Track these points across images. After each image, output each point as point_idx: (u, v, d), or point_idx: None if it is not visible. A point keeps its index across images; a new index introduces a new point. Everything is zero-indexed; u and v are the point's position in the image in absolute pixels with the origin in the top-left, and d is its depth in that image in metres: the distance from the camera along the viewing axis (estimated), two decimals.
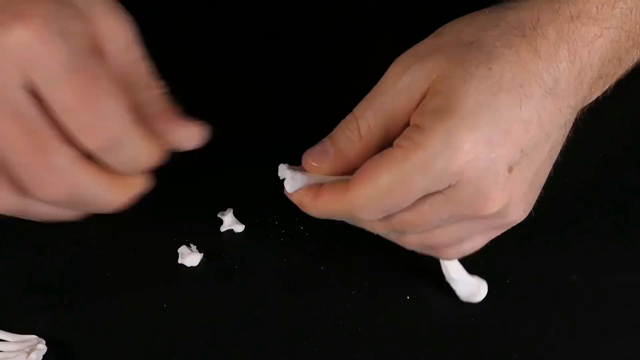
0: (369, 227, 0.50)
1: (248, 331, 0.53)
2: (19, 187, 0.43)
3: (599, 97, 0.53)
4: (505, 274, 0.55)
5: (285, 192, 0.50)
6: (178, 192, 0.59)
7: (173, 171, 0.60)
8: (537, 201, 0.57)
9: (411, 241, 0.51)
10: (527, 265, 0.56)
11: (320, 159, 0.49)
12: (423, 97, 0.46)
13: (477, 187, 0.46)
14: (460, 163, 0.44)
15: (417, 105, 0.47)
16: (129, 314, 0.54)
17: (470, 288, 0.54)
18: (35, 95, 0.42)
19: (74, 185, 0.43)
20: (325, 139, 0.49)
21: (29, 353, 0.51)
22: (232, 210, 0.57)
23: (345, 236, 0.56)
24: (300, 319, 0.54)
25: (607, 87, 0.52)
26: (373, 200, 0.46)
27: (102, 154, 0.43)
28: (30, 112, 0.42)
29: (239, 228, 0.57)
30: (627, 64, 0.52)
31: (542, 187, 0.50)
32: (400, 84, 0.47)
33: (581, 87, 0.48)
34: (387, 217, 0.48)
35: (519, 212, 0.49)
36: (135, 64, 0.46)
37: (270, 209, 0.58)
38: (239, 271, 0.56)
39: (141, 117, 0.44)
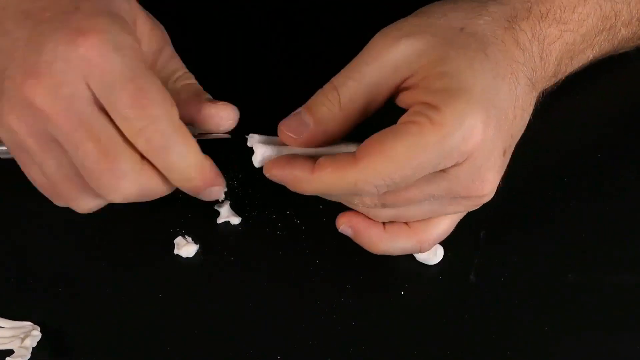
0: (355, 200, 0.49)
1: (242, 322, 0.53)
2: (95, 192, 0.48)
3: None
4: (501, 274, 0.55)
5: (265, 171, 0.48)
6: None
7: None
8: (535, 200, 0.58)
9: (385, 215, 0.50)
10: (522, 265, 0.56)
11: (299, 131, 0.48)
12: (410, 76, 0.47)
13: (479, 168, 0.47)
14: (474, 142, 0.45)
15: (403, 81, 0.47)
16: (123, 303, 0.54)
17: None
18: (100, 106, 0.46)
19: (142, 185, 0.47)
20: (301, 109, 0.48)
21: (23, 339, 0.51)
22: (228, 203, 0.58)
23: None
24: (294, 312, 0.54)
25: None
26: (384, 174, 0.45)
27: (153, 158, 0.47)
28: (97, 121, 0.46)
29: (236, 220, 0.57)
30: (580, 63, 0.55)
31: None
32: (388, 58, 0.47)
33: (541, 83, 0.51)
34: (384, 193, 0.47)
35: (492, 194, 0.50)
36: (169, 61, 0.52)
37: (267, 202, 0.58)
38: (234, 263, 0.56)
39: (180, 103, 0.47)
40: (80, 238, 0.57)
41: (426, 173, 0.46)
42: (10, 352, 0.51)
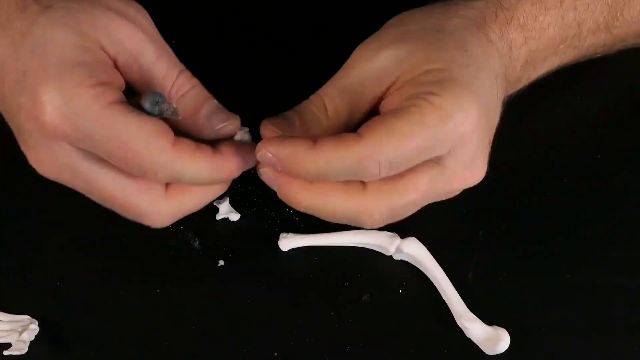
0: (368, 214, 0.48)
1: (239, 319, 0.53)
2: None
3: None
4: (499, 273, 0.55)
5: (259, 147, 0.46)
6: None
7: None
8: (532, 200, 0.58)
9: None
10: (520, 265, 0.56)
11: (284, 128, 0.48)
12: (393, 84, 0.48)
13: (471, 156, 0.48)
14: (468, 127, 0.46)
15: (387, 90, 0.48)
16: (121, 299, 0.54)
17: (488, 337, 0.52)
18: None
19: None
20: (288, 112, 0.49)
21: (21, 333, 0.51)
22: (228, 199, 0.58)
23: (339, 229, 0.56)
24: (291, 309, 0.54)
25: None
26: (388, 150, 0.45)
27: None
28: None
29: (235, 217, 0.57)
30: (543, 70, 0.56)
31: None
32: (369, 69, 0.48)
33: (510, 84, 0.53)
34: (391, 187, 0.47)
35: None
36: (156, 62, 0.50)
37: (266, 198, 0.58)
38: (233, 259, 0.56)
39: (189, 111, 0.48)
40: (78, 233, 0.57)
41: (424, 157, 0.46)
42: (7, 346, 0.51)
